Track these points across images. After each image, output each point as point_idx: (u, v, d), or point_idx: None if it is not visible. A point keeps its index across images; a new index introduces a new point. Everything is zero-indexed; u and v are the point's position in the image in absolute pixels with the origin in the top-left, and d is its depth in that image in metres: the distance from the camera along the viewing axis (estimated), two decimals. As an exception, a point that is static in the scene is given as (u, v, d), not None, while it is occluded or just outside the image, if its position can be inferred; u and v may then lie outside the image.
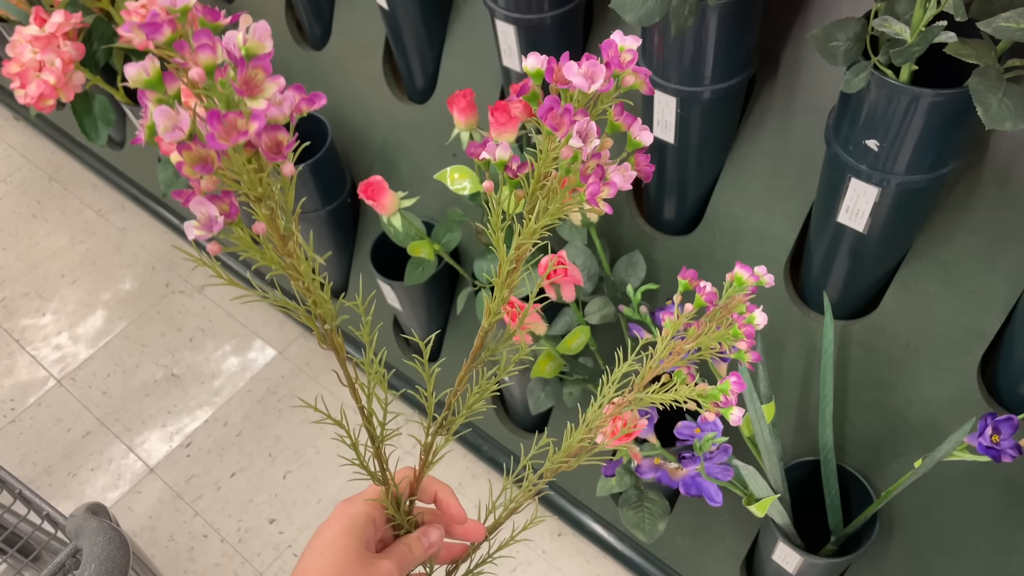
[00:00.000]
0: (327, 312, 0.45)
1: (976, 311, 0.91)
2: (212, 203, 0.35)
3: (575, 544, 1.51)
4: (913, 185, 0.81)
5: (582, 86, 0.37)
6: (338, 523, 0.57)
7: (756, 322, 0.44)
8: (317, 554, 0.56)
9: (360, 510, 0.57)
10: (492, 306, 0.48)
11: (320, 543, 0.56)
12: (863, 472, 1.05)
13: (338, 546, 0.55)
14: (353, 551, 0.55)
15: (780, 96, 0.98)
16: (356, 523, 0.56)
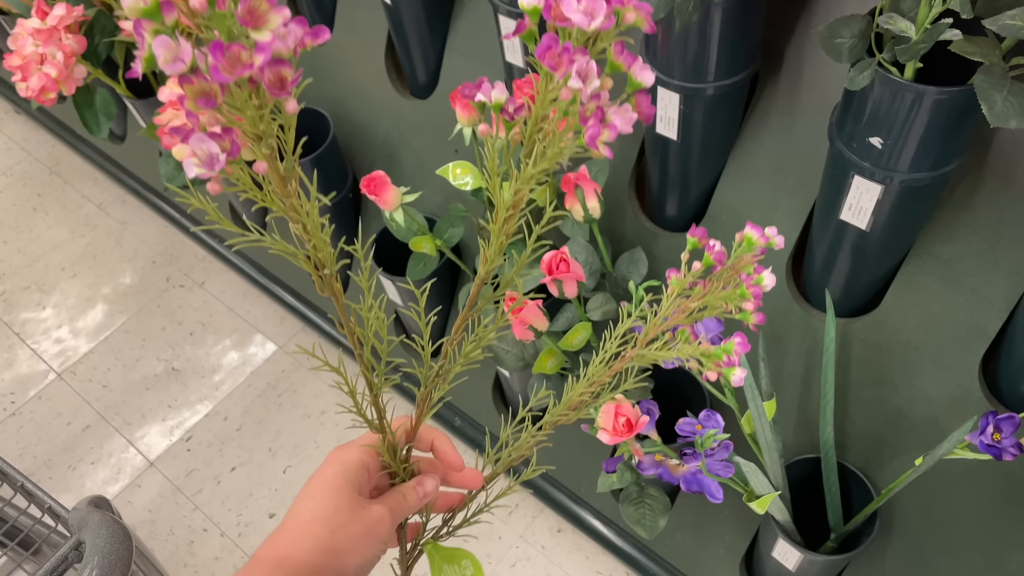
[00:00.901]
0: (327, 256, 0.44)
1: (978, 309, 0.91)
2: (213, 140, 0.33)
3: (574, 540, 1.51)
4: (916, 183, 0.81)
5: (581, 23, 0.35)
6: (331, 468, 0.56)
7: (764, 283, 0.43)
8: (308, 498, 0.55)
9: (354, 456, 0.56)
10: (489, 253, 0.47)
11: (312, 487, 0.56)
12: (863, 470, 1.05)
13: (329, 490, 0.55)
14: (345, 495, 0.55)
15: (783, 93, 0.98)
16: (349, 468, 0.56)
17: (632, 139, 1.11)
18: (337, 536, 0.53)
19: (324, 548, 0.53)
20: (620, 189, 1.15)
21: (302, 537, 0.54)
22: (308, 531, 0.53)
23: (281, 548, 0.53)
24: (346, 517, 0.54)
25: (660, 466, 0.88)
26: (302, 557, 0.53)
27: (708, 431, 0.85)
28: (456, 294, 1.40)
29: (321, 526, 0.54)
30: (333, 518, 0.54)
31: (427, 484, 0.60)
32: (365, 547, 0.55)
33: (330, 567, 0.53)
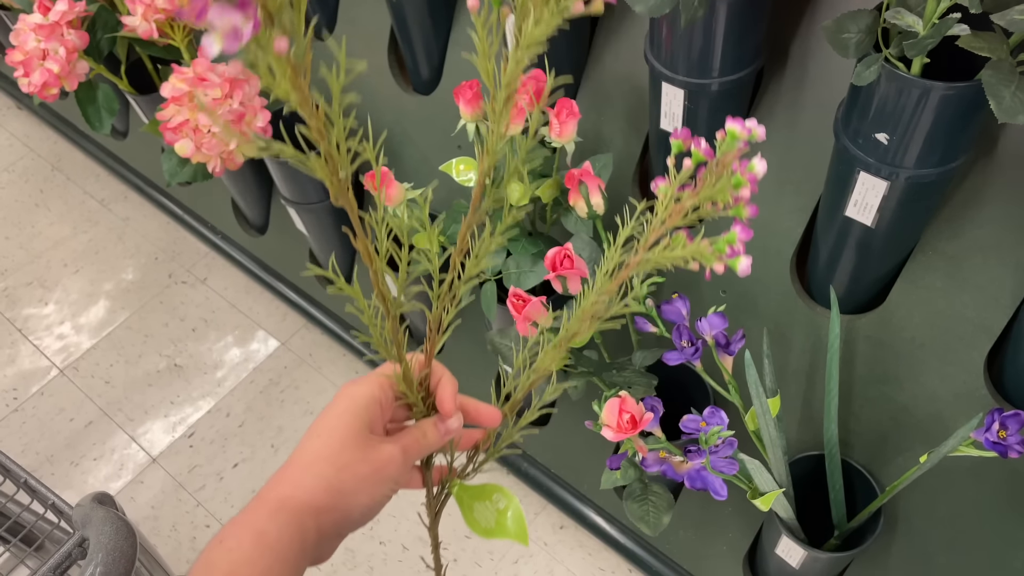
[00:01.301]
0: (342, 160, 0.41)
1: (983, 306, 0.90)
2: (236, 11, 0.31)
3: (577, 537, 1.51)
4: (922, 179, 0.81)
5: None
6: (340, 403, 0.54)
7: (756, 170, 0.42)
8: (315, 435, 0.53)
9: (364, 390, 0.54)
10: (489, 144, 0.46)
11: (319, 424, 0.53)
12: (867, 467, 1.05)
13: (337, 427, 0.52)
14: (353, 432, 0.52)
15: (788, 89, 0.97)
16: (359, 404, 0.53)
17: (636, 135, 1.11)
18: (343, 475, 0.51)
19: (329, 488, 0.51)
20: (624, 185, 1.15)
21: (306, 476, 0.51)
22: (312, 470, 0.51)
23: (284, 488, 0.51)
24: (353, 456, 0.52)
25: (664, 463, 0.88)
26: (305, 497, 0.50)
27: (712, 428, 0.84)
28: (459, 290, 1.40)
29: (326, 465, 0.51)
30: (339, 456, 0.51)
31: (451, 422, 0.57)
32: (373, 487, 0.52)
33: (335, 507, 0.51)
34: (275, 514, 0.50)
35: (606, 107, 1.12)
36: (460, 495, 0.59)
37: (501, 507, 0.58)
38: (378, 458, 0.52)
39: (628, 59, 1.07)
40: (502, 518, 0.58)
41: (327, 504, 0.50)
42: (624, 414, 0.83)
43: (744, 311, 1.09)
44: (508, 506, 0.58)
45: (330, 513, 0.51)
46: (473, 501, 0.58)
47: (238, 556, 0.48)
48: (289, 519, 0.49)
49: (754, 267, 1.07)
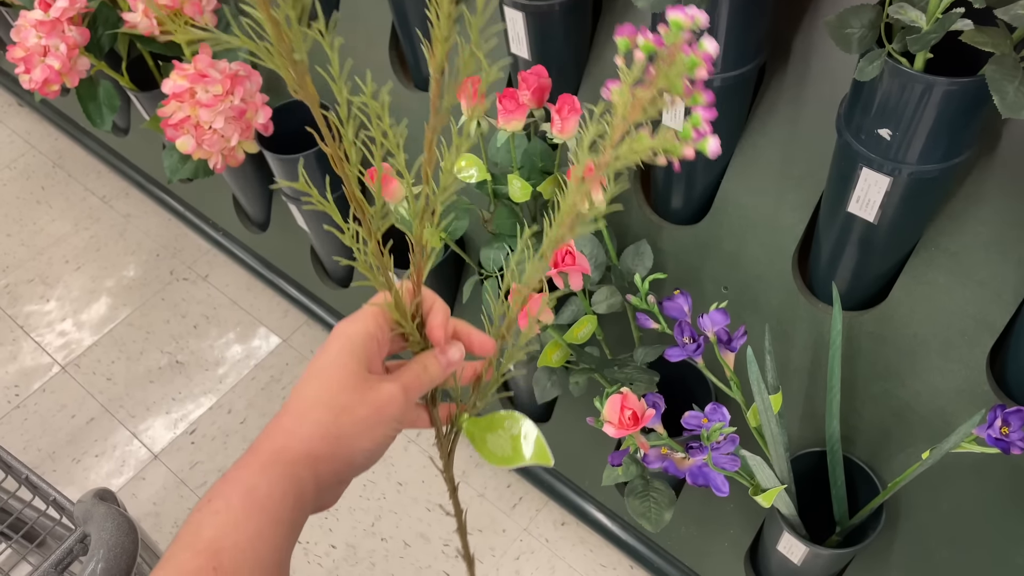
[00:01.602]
0: (295, 38, 0.40)
1: (986, 302, 0.90)
2: None
3: (578, 533, 1.51)
4: (925, 175, 0.80)
5: None
6: (334, 344, 0.51)
7: (707, 48, 0.41)
8: (310, 379, 0.50)
9: (358, 328, 0.51)
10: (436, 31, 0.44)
11: (314, 368, 0.50)
12: (869, 463, 1.05)
13: (332, 369, 0.50)
14: (350, 373, 0.49)
15: (791, 84, 0.97)
16: (354, 342, 0.50)
17: (638, 131, 1.11)
18: (342, 420, 0.49)
19: (326, 435, 0.48)
20: (625, 181, 1.14)
21: (302, 424, 0.49)
22: (309, 417, 0.49)
23: (278, 438, 0.49)
24: (351, 398, 0.49)
25: (666, 459, 0.88)
26: (301, 447, 0.48)
27: (714, 424, 0.84)
28: (460, 287, 1.40)
29: (324, 410, 0.49)
30: (337, 400, 0.49)
31: (452, 352, 0.54)
32: (374, 430, 0.50)
33: (334, 455, 0.49)
34: (267, 468, 0.47)
35: (608, 103, 1.11)
36: (471, 430, 0.57)
37: (515, 432, 0.55)
38: (378, 398, 0.50)
39: (630, 55, 1.07)
40: (518, 443, 0.55)
41: (325, 452, 0.48)
42: (626, 410, 0.83)
43: (746, 307, 1.09)
44: (522, 429, 0.56)
45: (329, 461, 0.48)
46: (485, 434, 0.56)
47: (225, 518, 0.45)
48: (283, 472, 0.47)
49: (756, 263, 1.07)
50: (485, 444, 0.56)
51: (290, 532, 0.47)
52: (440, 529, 1.56)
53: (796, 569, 1.09)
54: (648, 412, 0.85)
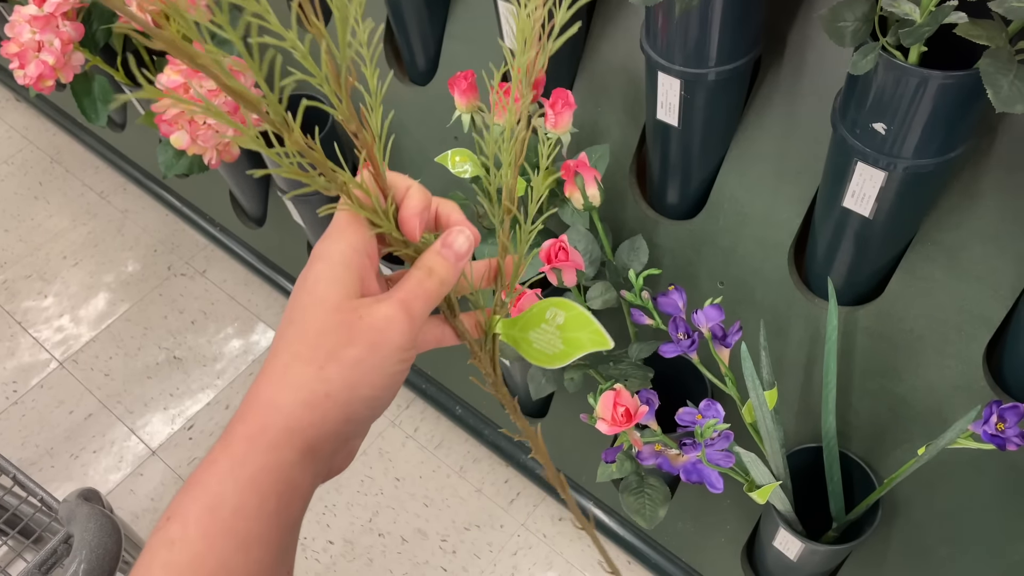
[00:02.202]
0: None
1: (983, 297, 0.90)
2: None
3: (576, 529, 1.51)
4: (920, 169, 0.80)
5: None
6: (311, 271, 0.42)
7: None
8: (286, 324, 0.42)
9: (338, 245, 0.42)
10: None
11: (292, 305, 0.42)
12: (866, 459, 1.05)
13: (311, 305, 0.41)
14: (332, 306, 0.40)
15: (786, 78, 0.96)
16: (334, 263, 0.41)
17: (633, 125, 1.10)
18: (328, 372, 0.40)
19: (311, 400, 0.40)
20: (621, 176, 1.14)
21: (280, 390, 0.40)
22: (288, 378, 0.40)
23: (254, 415, 0.40)
24: (337, 339, 0.40)
25: (660, 456, 0.88)
26: (281, 423, 0.39)
27: (708, 421, 0.84)
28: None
29: (305, 365, 0.40)
30: (319, 346, 0.40)
31: (456, 241, 0.44)
32: (373, 371, 0.41)
33: (325, 418, 0.40)
34: (238, 466, 0.39)
35: (603, 97, 1.11)
36: (509, 334, 0.50)
37: (561, 322, 0.48)
38: (371, 328, 0.40)
39: (625, 49, 1.06)
40: (568, 332, 0.48)
41: (314, 419, 0.40)
42: (619, 407, 0.83)
43: (742, 303, 1.08)
44: (568, 315, 0.48)
45: (321, 427, 0.40)
46: (527, 333, 0.49)
47: (180, 552, 0.37)
48: (260, 468, 0.39)
49: (751, 258, 1.06)
50: (531, 345, 0.49)
51: (277, 545, 0.40)
52: (438, 524, 1.55)
53: (792, 565, 1.09)
54: (641, 409, 0.85)
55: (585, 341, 0.48)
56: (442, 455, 1.62)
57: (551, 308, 0.48)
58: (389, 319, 0.41)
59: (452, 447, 1.63)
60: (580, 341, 0.48)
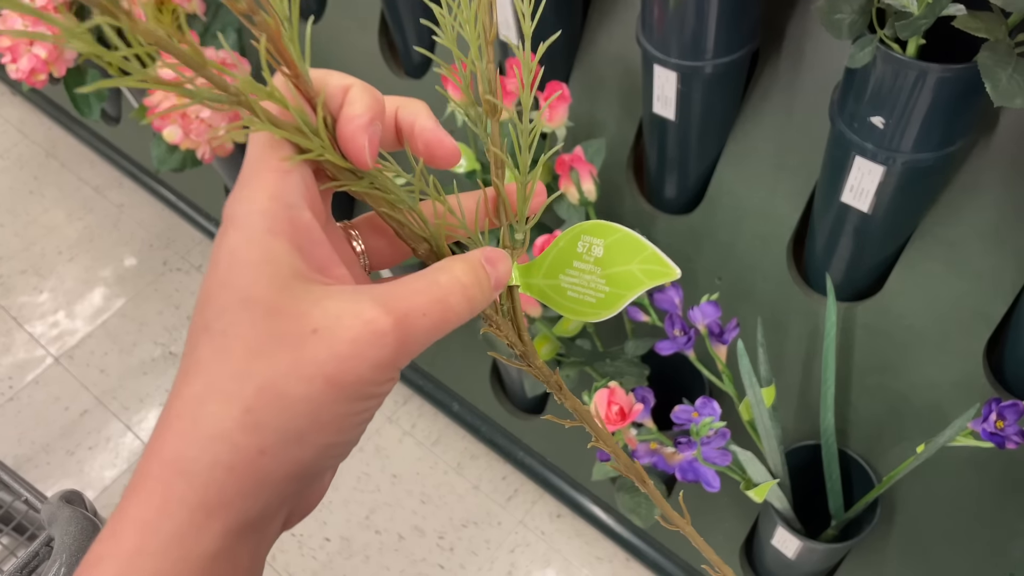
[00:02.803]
0: None
1: (983, 293, 0.89)
2: None
3: (574, 526, 1.50)
4: (919, 164, 0.79)
5: None
6: (223, 246, 0.28)
7: None
8: (201, 329, 0.28)
9: (254, 201, 0.28)
10: None
11: (204, 302, 0.28)
12: (865, 457, 1.04)
13: (231, 305, 0.28)
14: (263, 309, 0.27)
15: (784, 71, 0.95)
16: (252, 234, 0.28)
17: (630, 119, 1.09)
18: (262, 415, 0.27)
19: (235, 461, 0.27)
20: (618, 170, 1.13)
21: (190, 443, 0.27)
22: (202, 426, 0.27)
23: (156, 486, 0.28)
24: (275, 363, 0.27)
25: (655, 455, 0.87)
26: (193, 499, 0.27)
27: (704, 419, 0.83)
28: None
29: (224, 403, 0.27)
30: (247, 376, 0.27)
31: (501, 262, 0.33)
32: (337, 412, 0.28)
33: (262, 485, 0.28)
34: (147, 529, 0.27)
35: (599, 91, 1.10)
36: (531, 283, 0.37)
37: (599, 254, 0.35)
38: (331, 346, 0.27)
39: (621, 41, 1.05)
40: (613, 267, 0.35)
41: (243, 488, 0.27)
42: (613, 405, 0.82)
43: (739, 299, 1.07)
44: (609, 242, 0.35)
45: (256, 496, 0.28)
46: (555, 278, 0.36)
47: None
48: (173, 533, 0.27)
49: (749, 254, 1.05)
50: (564, 295, 0.36)
51: None
52: (435, 521, 1.54)
53: (791, 563, 1.08)
54: (636, 407, 0.83)
55: (639, 274, 0.35)
56: (439, 452, 1.61)
57: (583, 237, 0.35)
58: (366, 335, 0.28)
59: (449, 444, 1.62)
60: (632, 277, 0.35)
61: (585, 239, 0.36)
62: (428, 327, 0.30)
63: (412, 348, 0.29)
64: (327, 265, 0.30)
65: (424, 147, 0.33)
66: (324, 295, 0.28)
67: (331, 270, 0.30)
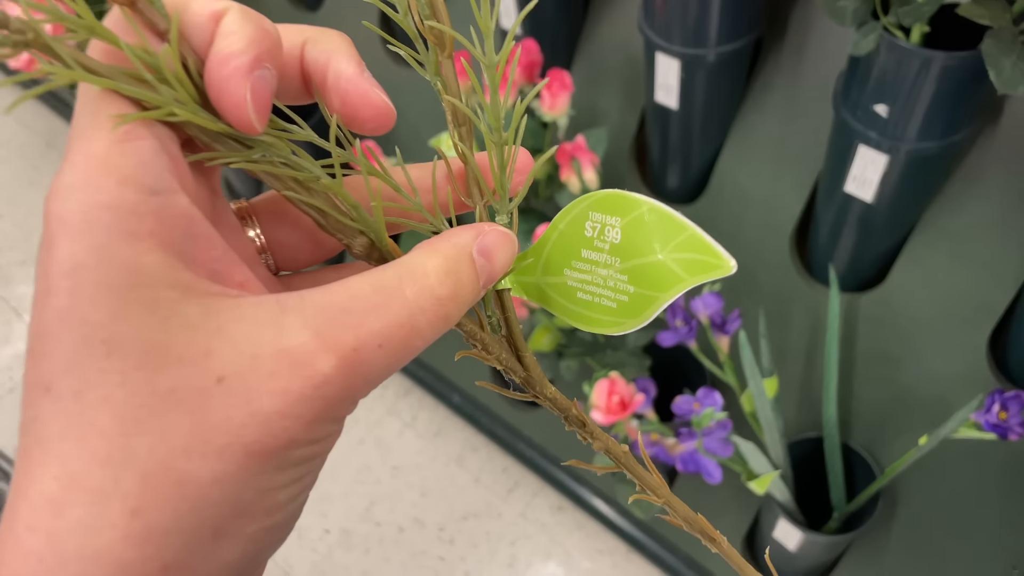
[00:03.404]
0: None
1: (987, 284, 0.88)
2: None
3: (575, 518, 1.50)
4: (923, 153, 0.78)
5: None
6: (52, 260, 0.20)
7: None
8: (41, 389, 0.20)
9: (87, 188, 0.20)
10: None
11: (39, 351, 0.20)
12: (868, 448, 1.03)
13: (82, 352, 0.19)
14: (135, 358, 0.19)
15: (788, 59, 0.94)
16: (91, 241, 0.19)
17: (632, 108, 1.08)
18: (155, 518, 0.19)
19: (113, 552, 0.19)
20: (620, 160, 1.12)
21: (48, 556, 0.19)
22: (66, 544, 0.18)
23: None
24: (166, 441, 0.19)
25: (656, 445, 0.86)
26: None
27: (706, 409, 0.82)
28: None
29: (96, 506, 0.19)
30: (126, 463, 0.19)
31: (495, 242, 0.24)
32: (263, 489, 0.20)
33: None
34: None
35: (601, 79, 1.09)
36: (527, 285, 0.28)
37: (616, 239, 0.26)
38: (247, 406, 0.19)
39: (624, 29, 1.04)
40: (637, 258, 0.26)
41: None
42: (613, 396, 0.81)
43: (742, 290, 1.06)
44: (627, 221, 0.26)
45: None
46: (559, 275, 0.27)
47: None
48: None
49: (752, 244, 1.05)
50: (571, 298, 0.27)
51: None
52: (435, 514, 1.54)
53: (792, 556, 1.07)
54: (636, 398, 0.83)
55: (675, 267, 0.25)
56: (440, 444, 1.61)
57: (591, 215, 0.26)
58: (297, 383, 0.20)
59: (450, 436, 1.61)
60: (666, 271, 0.25)
61: (595, 217, 0.26)
62: (385, 361, 0.21)
63: (363, 391, 0.21)
64: (222, 269, 0.21)
65: (341, 103, 0.24)
66: (228, 317, 0.20)
67: (228, 274, 0.21)
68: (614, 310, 0.26)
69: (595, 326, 0.27)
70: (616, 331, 0.27)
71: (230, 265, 0.21)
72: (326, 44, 0.24)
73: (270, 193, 0.25)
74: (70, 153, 0.20)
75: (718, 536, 0.32)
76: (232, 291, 0.21)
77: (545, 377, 0.29)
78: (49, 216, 0.20)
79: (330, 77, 0.24)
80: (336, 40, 0.24)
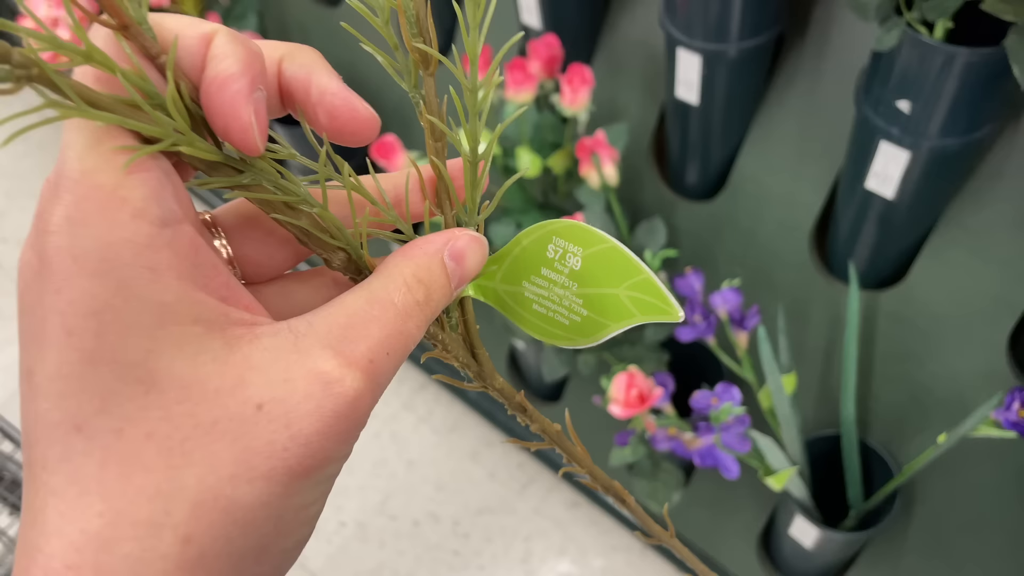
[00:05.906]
0: None
1: (1008, 282, 0.87)
2: None
3: (590, 515, 1.50)
4: (946, 149, 0.78)
5: None
6: (80, 304, 0.19)
7: None
8: (72, 432, 0.19)
9: (115, 213, 0.20)
10: None
11: (66, 389, 0.19)
12: (886, 446, 1.03)
13: (125, 390, 0.19)
14: (178, 391, 0.20)
15: (809, 55, 0.94)
16: (117, 267, 0.19)
17: (652, 103, 1.08)
18: (209, 540, 0.20)
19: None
20: (639, 155, 1.12)
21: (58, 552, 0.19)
22: (112, 566, 0.19)
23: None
24: (211, 460, 0.20)
25: (674, 440, 0.86)
26: None
27: (724, 404, 0.82)
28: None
29: (144, 540, 0.19)
30: (174, 486, 0.19)
31: (468, 247, 0.26)
32: (290, 509, 0.21)
33: None
34: None
35: (622, 74, 1.09)
36: (487, 290, 0.29)
37: (576, 266, 0.27)
38: (297, 412, 0.20)
39: (645, 24, 1.04)
40: (593, 287, 0.27)
41: None
42: (632, 390, 0.81)
43: (761, 286, 1.06)
44: (589, 253, 0.27)
45: None
46: (517, 285, 0.28)
47: None
48: None
49: (771, 240, 1.04)
50: (527, 308, 0.29)
51: None
52: (450, 508, 1.55)
53: (809, 553, 1.07)
54: (655, 391, 0.83)
55: (628, 303, 0.27)
56: (455, 439, 1.62)
57: (554, 239, 0.27)
58: (331, 401, 0.21)
59: (466, 431, 1.62)
60: (618, 304, 0.27)
61: (557, 242, 0.27)
62: (393, 367, 0.22)
63: (377, 401, 0.22)
64: (230, 294, 0.22)
65: (328, 118, 0.24)
66: (251, 348, 0.20)
67: (236, 298, 0.22)
68: (567, 327, 0.29)
69: (547, 337, 0.29)
70: (567, 345, 0.29)
71: (235, 290, 0.22)
72: (303, 59, 0.24)
73: (236, 202, 0.26)
74: (70, 183, 0.21)
75: (629, 499, 0.38)
76: (246, 316, 0.22)
77: (496, 371, 0.31)
78: (56, 252, 0.20)
79: (313, 92, 0.24)
80: (311, 55, 0.25)
